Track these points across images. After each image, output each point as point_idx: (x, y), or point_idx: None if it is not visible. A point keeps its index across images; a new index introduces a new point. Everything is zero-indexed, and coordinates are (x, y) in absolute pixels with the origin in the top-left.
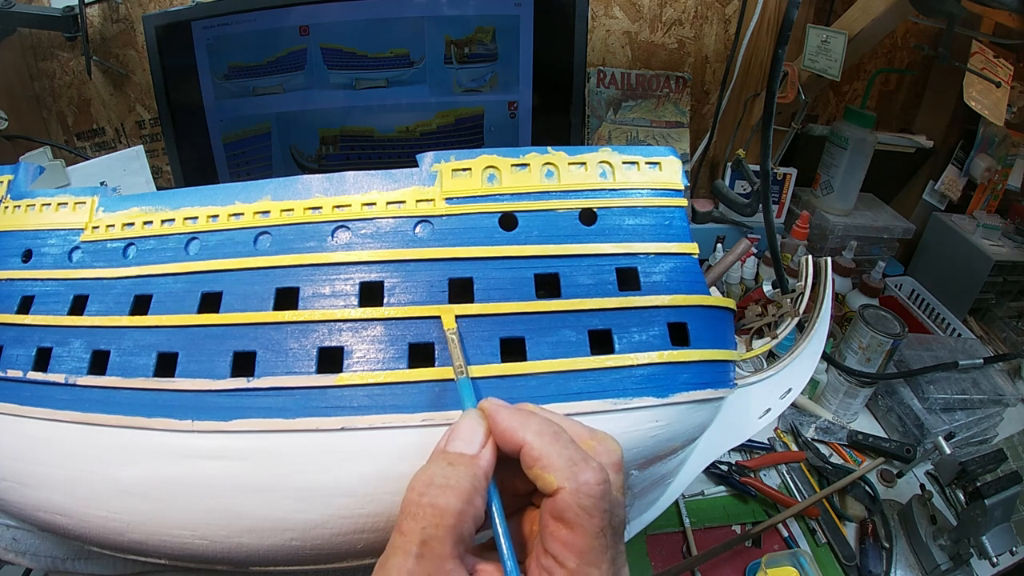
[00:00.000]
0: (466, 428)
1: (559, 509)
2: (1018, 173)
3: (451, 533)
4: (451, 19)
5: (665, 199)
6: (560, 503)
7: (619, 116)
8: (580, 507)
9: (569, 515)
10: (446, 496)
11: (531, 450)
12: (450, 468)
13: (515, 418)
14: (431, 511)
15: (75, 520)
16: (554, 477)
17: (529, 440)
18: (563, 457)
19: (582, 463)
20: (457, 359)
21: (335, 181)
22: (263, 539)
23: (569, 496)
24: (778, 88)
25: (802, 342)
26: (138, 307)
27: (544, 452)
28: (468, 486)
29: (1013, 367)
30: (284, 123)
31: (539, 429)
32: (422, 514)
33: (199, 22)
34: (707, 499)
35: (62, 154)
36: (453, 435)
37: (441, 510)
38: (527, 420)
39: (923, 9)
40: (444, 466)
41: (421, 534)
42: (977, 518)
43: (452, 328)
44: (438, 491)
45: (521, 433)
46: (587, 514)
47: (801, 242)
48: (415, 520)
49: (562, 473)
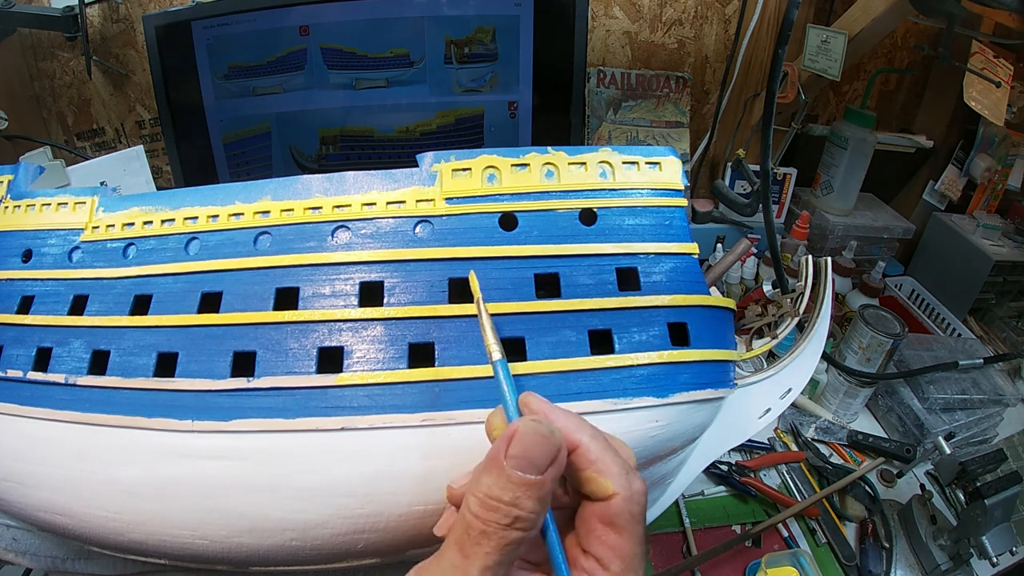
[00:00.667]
0: (535, 446)
1: (611, 514)
2: (1018, 173)
3: (511, 560)
4: (451, 19)
5: (665, 199)
6: (614, 507)
7: (619, 116)
8: (631, 513)
9: (621, 520)
10: (517, 527)
11: (588, 452)
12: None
13: (570, 419)
14: (500, 540)
15: (75, 520)
16: (611, 482)
17: (585, 443)
18: (617, 463)
19: (632, 471)
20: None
21: (335, 181)
22: (263, 539)
23: (623, 502)
24: (778, 88)
25: (802, 342)
26: (138, 307)
27: (600, 456)
28: (536, 518)
29: (1013, 367)
30: (284, 123)
31: (593, 433)
32: (489, 540)
33: (199, 22)
34: (707, 499)
35: (62, 154)
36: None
37: (513, 541)
38: (580, 422)
39: (923, 9)
40: (512, 490)
41: (485, 559)
42: (977, 518)
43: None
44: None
45: (577, 435)
46: (635, 521)
47: (801, 242)
48: (480, 544)
49: (618, 480)
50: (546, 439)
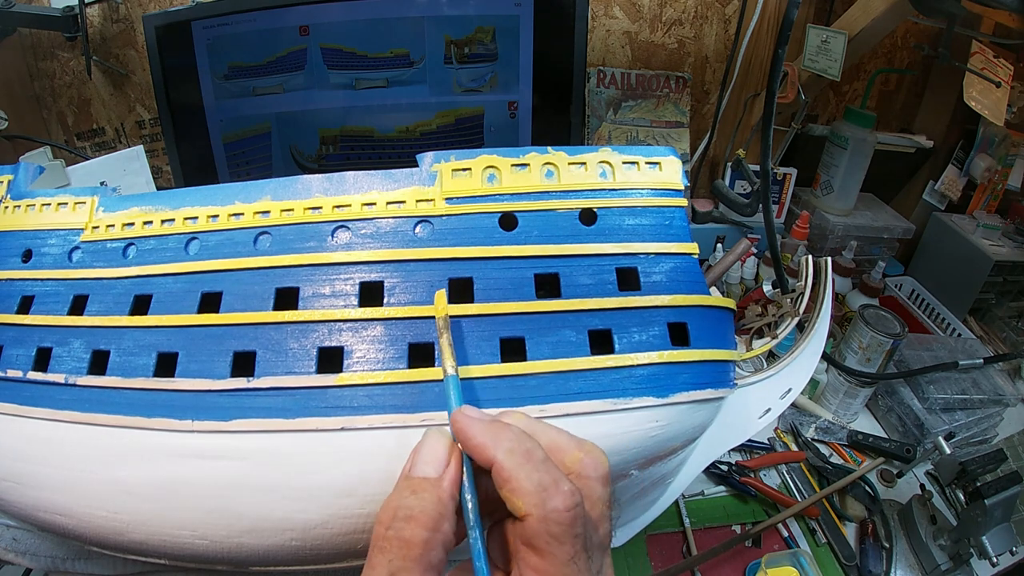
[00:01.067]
0: (428, 449)
1: (528, 535)
2: (1018, 173)
3: (418, 564)
4: (451, 19)
5: (665, 199)
6: (529, 530)
7: (619, 116)
8: (549, 534)
9: (539, 543)
10: (410, 528)
11: (500, 470)
12: (413, 497)
13: (487, 433)
14: (396, 543)
15: (75, 520)
16: (522, 502)
17: (499, 459)
18: (532, 480)
19: (552, 487)
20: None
21: (335, 181)
22: (263, 539)
23: (537, 523)
24: (778, 88)
25: (802, 342)
26: (138, 307)
27: (513, 474)
28: (433, 514)
29: (1013, 367)
30: (284, 123)
31: (510, 447)
32: (388, 547)
33: (199, 22)
34: (707, 499)
35: (62, 154)
36: (416, 458)
37: (406, 542)
38: (499, 436)
39: (923, 9)
40: (408, 495)
41: (389, 567)
42: (977, 518)
43: (444, 315)
44: (402, 523)
45: (492, 451)
46: (557, 541)
47: (801, 242)
48: (382, 553)
49: (530, 498)
50: (438, 438)
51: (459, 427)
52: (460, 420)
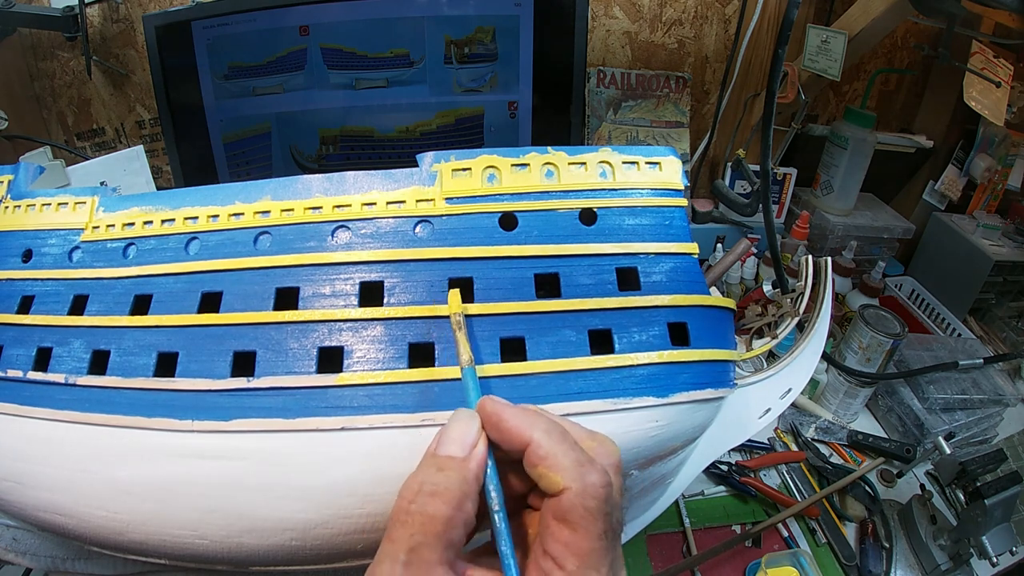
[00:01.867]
0: (456, 429)
1: (564, 510)
2: (1018, 173)
3: (440, 540)
4: (451, 19)
5: (665, 199)
6: (565, 503)
7: (619, 116)
8: (585, 508)
9: (573, 516)
10: (435, 503)
11: (538, 448)
12: (440, 474)
13: (522, 416)
14: (420, 518)
15: (75, 520)
16: (560, 477)
17: (537, 438)
18: (569, 457)
19: (588, 464)
20: (463, 346)
21: (335, 181)
22: (263, 539)
23: (575, 497)
24: (778, 88)
25: (802, 342)
26: (138, 307)
27: (551, 451)
28: (458, 492)
29: (1013, 367)
30: (284, 123)
31: (547, 428)
32: (411, 521)
33: (199, 22)
34: (707, 499)
35: (62, 154)
36: (444, 437)
37: (430, 517)
38: (535, 419)
39: (923, 9)
40: (434, 472)
41: (409, 541)
42: (977, 518)
43: (458, 311)
44: (427, 498)
45: (529, 431)
46: (591, 516)
47: (801, 242)
48: (404, 527)
49: (569, 473)
50: (467, 420)
51: (491, 410)
52: (491, 405)
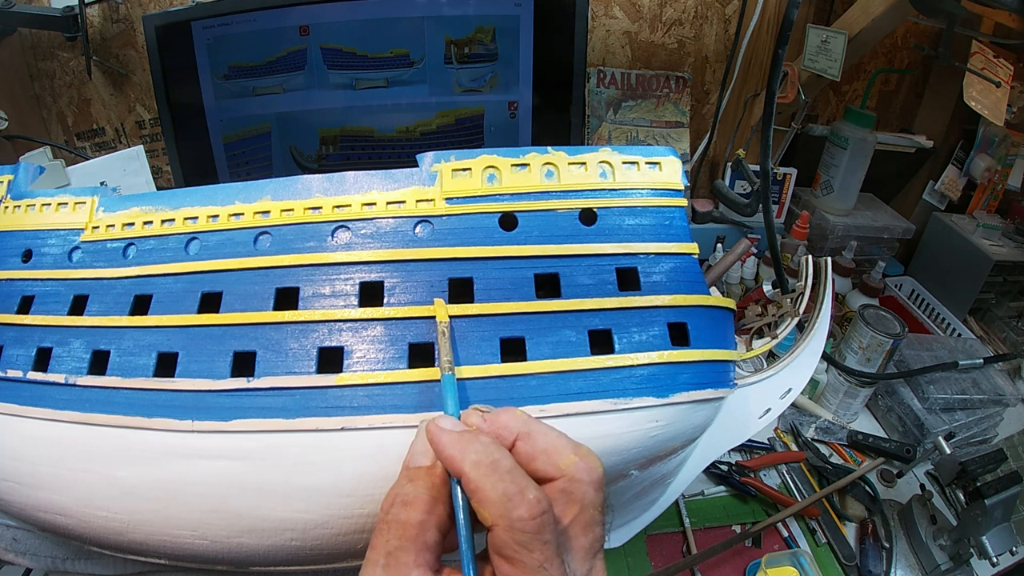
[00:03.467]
0: (421, 442)
1: (497, 545)
2: (1018, 173)
3: (414, 543)
4: (451, 19)
5: (665, 199)
6: (496, 539)
7: (619, 116)
8: (516, 543)
9: (507, 551)
10: (407, 511)
11: (468, 482)
12: (410, 484)
13: (455, 445)
14: (395, 526)
15: (75, 520)
16: (488, 512)
17: (466, 471)
18: (497, 491)
19: (518, 496)
20: (445, 354)
21: (335, 181)
22: (263, 539)
23: (504, 532)
24: (778, 88)
25: (802, 342)
26: (138, 307)
27: (479, 485)
28: (427, 498)
29: (1013, 367)
30: (284, 123)
31: (476, 459)
32: (387, 529)
33: (199, 22)
34: (707, 499)
35: (62, 154)
36: (412, 449)
37: (403, 523)
38: (466, 448)
39: (923, 9)
40: (405, 483)
41: (387, 547)
42: (977, 518)
43: (445, 321)
44: (400, 507)
45: (459, 463)
46: (525, 549)
47: (801, 242)
48: (381, 535)
49: (495, 508)
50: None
51: (431, 438)
52: (431, 431)
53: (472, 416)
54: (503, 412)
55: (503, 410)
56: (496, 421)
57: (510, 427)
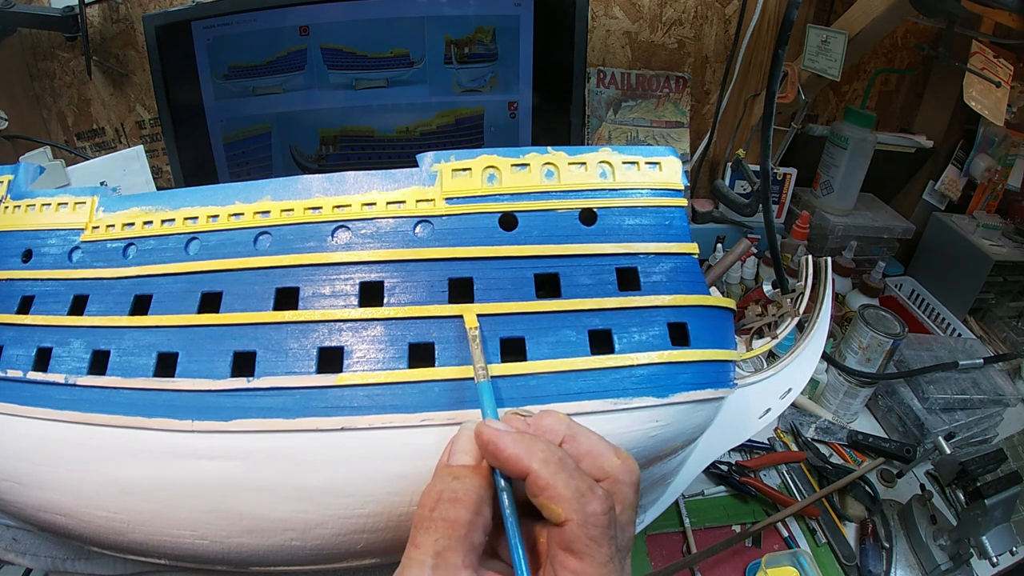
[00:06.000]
0: (467, 440)
1: (567, 540)
2: (1018, 173)
3: (463, 543)
4: (451, 19)
5: (665, 199)
6: (568, 534)
7: (619, 116)
8: (589, 538)
9: (578, 546)
10: (456, 509)
11: (537, 479)
12: (456, 482)
13: (519, 445)
14: (443, 524)
15: (75, 520)
16: (561, 508)
17: (535, 469)
18: (570, 487)
19: (589, 493)
20: (479, 361)
21: (335, 181)
22: (263, 539)
23: (578, 528)
24: (778, 88)
25: (802, 342)
26: (138, 307)
27: (550, 482)
28: (475, 497)
29: (1013, 367)
30: (284, 123)
31: (544, 457)
32: (434, 527)
33: (199, 22)
34: (707, 499)
35: (62, 154)
36: (454, 448)
37: (452, 522)
38: (532, 447)
39: (923, 9)
40: (450, 480)
41: (435, 546)
42: (977, 518)
43: (474, 327)
44: (447, 505)
45: (526, 461)
46: (595, 544)
47: (801, 242)
48: (428, 533)
49: (570, 504)
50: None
51: (486, 439)
52: (486, 433)
53: (514, 420)
54: (546, 415)
55: (546, 413)
56: (541, 424)
57: (555, 430)
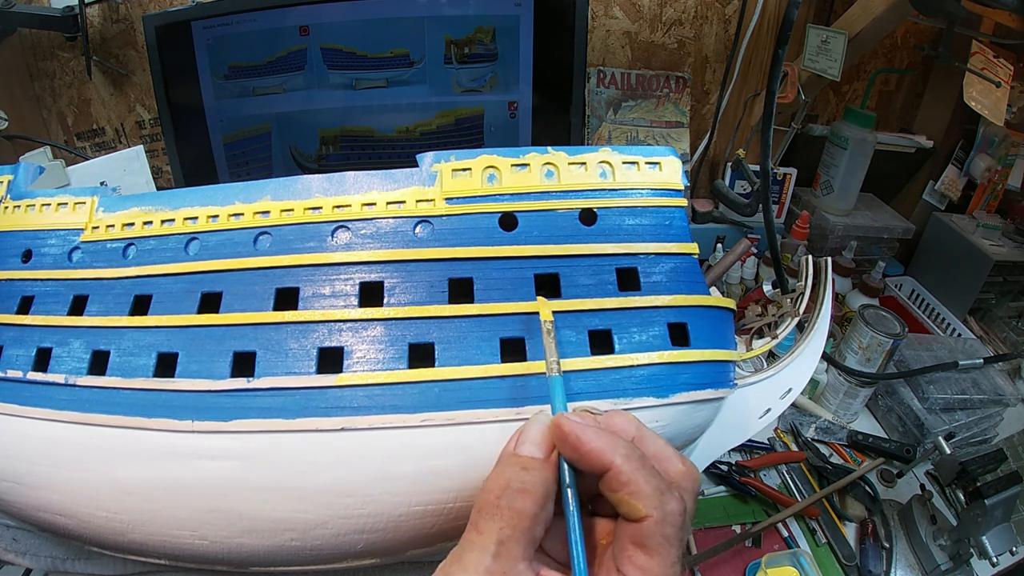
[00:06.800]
0: (538, 432)
1: (643, 536)
2: (1018, 173)
3: (525, 535)
4: (451, 19)
5: (665, 199)
6: (645, 530)
7: (619, 116)
8: (664, 536)
9: (652, 543)
10: (523, 500)
11: (619, 474)
12: (525, 473)
13: (603, 439)
14: (508, 513)
15: (75, 520)
16: (642, 504)
17: (618, 464)
18: (651, 485)
19: (668, 492)
20: (552, 354)
21: (335, 181)
22: (263, 539)
23: (655, 525)
24: (778, 88)
25: (802, 342)
26: (138, 307)
27: (633, 478)
28: (543, 490)
29: (1013, 367)
30: (284, 123)
31: (627, 453)
32: (500, 515)
33: (199, 22)
34: (707, 499)
35: (62, 154)
36: (524, 438)
37: (518, 512)
38: (615, 442)
39: (923, 9)
40: (519, 470)
41: (499, 534)
42: (977, 518)
43: (549, 320)
44: (515, 494)
45: (610, 456)
46: (668, 543)
47: (801, 242)
48: (493, 520)
49: (651, 501)
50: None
51: (569, 431)
52: (567, 425)
53: (588, 417)
54: (616, 414)
55: (616, 412)
56: (612, 423)
57: (626, 430)
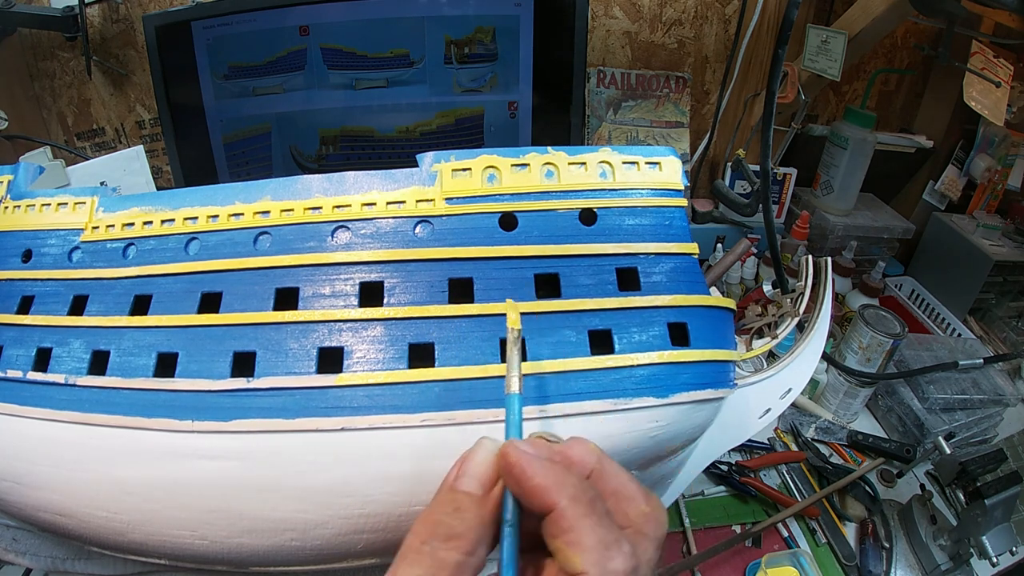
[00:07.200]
0: (481, 462)
1: None
2: (1018, 173)
3: None
4: (451, 19)
5: (665, 199)
6: None
7: (619, 116)
8: None
9: None
10: (448, 548)
11: (561, 519)
12: (456, 515)
13: (550, 474)
14: (430, 561)
15: (75, 520)
16: (580, 559)
17: (562, 506)
18: (595, 536)
19: (615, 546)
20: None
21: (335, 181)
22: (263, 539)
23: None
24: (778, 88)
25: (802, 342)
26: (138, 307)
27: (575, 525)
28: (473, 537)
29: (1013, 367)
30: (284, 123)
31: (575, 494)
32: (420, 562)
33: (199, 22)
34: (707, 499)
35: (62, 154)
36: (464, 469)
37: (440, 561)
38: (563, 480)
39: (923, 9)
40: (450, 511)
41: None
42: (977, 518)
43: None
44: (441, 543)
45: (555, 495)
46: None
47: (801, 242)
48: (412, 567)
49: (590, 556)
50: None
51: (512, 462)
52: (513, 455)
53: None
54: (576, 443)
55: (575, 441)
56: (569, 454)
57: (585, 462)
